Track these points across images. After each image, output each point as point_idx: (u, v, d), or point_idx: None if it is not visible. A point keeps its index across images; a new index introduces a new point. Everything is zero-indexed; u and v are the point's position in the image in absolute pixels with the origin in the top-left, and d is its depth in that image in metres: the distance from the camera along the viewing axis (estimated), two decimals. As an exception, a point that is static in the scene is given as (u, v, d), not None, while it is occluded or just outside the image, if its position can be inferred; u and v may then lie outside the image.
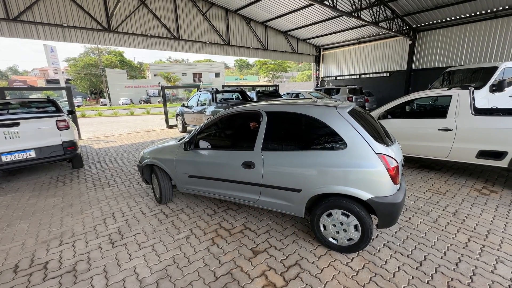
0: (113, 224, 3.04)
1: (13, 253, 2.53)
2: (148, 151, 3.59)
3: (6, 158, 4.13)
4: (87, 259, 2.39)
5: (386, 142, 2.32)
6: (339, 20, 12.63)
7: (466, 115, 3.78)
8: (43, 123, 4.43)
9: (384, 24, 10.98)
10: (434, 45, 12.33)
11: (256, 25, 13.63)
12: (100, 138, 9.28)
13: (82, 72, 40.03)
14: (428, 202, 3.36)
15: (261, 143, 2.56)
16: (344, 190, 2.15)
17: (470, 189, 3.71)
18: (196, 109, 8.44)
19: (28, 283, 2.11)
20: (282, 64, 50.26)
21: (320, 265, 2.21)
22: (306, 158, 2.31)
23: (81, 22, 8.76)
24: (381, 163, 2.07)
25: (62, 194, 4.01)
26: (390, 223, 2.20)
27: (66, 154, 4.69)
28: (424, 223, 2.84)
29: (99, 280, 2.12)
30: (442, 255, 2.28)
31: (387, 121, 4.51)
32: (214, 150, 2.94)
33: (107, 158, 6.21)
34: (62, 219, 3.20)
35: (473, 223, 2.80)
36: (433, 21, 11.60)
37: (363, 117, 2.53)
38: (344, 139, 2.18)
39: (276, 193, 2.52)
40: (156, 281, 2.09)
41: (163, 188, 3.37)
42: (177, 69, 43.86)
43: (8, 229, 2.99)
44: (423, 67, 12.91)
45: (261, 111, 2.65)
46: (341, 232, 2.30)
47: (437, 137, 4.03)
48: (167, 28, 10.62)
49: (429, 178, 4.23)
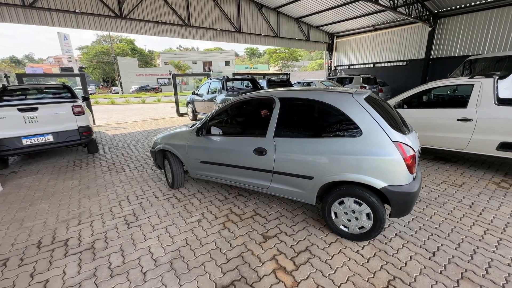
0: (128, 206, 3.14)
1: (36, 230, 2.67)
2: (160, 137, 3.64)
3: (26, 141, 4.30)
4: (104, 238, 2.50)
5: (403, 130, 2.25)
6: (354, 5, 12.09)
7: (489, 105, 3.60)
8: (60, 108, 4.56)
9: (403, 9, 10.44)
10: (455, 32, 11.67)
11: (268, 11, 13.27)
12: (113, 125, 9.49)
13: (94, 60, 40.58)
14: (443, 193, 3.28)
15: (273, 130, 2.54)
16: (357, 178, 2.11)
17: (488, 182, 3.59)
18: (207, 97, 8.43)
19: (51, 258, 2.23)
20: (293, 52, 49.05)
21: (331, 252, 2.22)
22: (320, 145, 2.28)
23: (94, 8, 8.79)
24: (397, 151, 2.02)
25: (79, 177, 4.16)
26: (403, 213, 2.17)
27: (82, 139, 4.83)
28: (438, 214, 2.79)
29: (116, 257, 2.21)
30: (456, 247, 2.24)
31: (403, 111, 4.36)
32: (226, 136, 2.95)
33: (120, 144, 6.36)
34: (80, 200, 3.33)
35: (490, 216, 2.72)
36: (456, 6, 10.92)
37: (380, 104, 2.45)
38: (360, 126, 2.13)
39: (287, 180, 2.52)
40: (170, 260, 2.16)
41: (175, 173, 3.43)
42: (187, 58, 43.70)
43: (30, 208, 3.15)
44: (442, 55, 12.30)
45: (274, 97, 2.62)
46: (352, 220, 2.29)
47: (456, 128, 3.87)
48: (178, 14, 10.51)
49: (444, 170, 4.11)
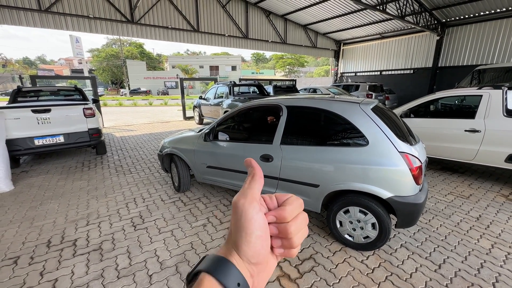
0: (134, 208, 3.20)
1: (46, 229, 2.73)
2: (168, 141, 3.70)
3: (38, 142, 4.42)
4: (112, 240, 2.54)
5: (410, 141, 2.26)
6: (362, 13, 12.17)
7: (497, 117, 3.57)
8: (72, 110, 4.68)
9: (411, 18, 10.47)
10: (464, 41, 11.62)
11: (275, 18, 13.45)
12: (121, 127, 9.65)
13: (104, 63, 41.44)
14: (449, 205, 3.25)
15: (280, 137, 2.57)
16: (363, 187, 2.13)
17: (497, 194, 3.54)
18: (214, 101, 8.54)
19: (60, 257, 2.28)
20: (300, 58, 49.32)
21: (335, 261, 2.22)
22: (326, 154, 2.30)
23: (106, 13, 9.04)
24: (403, 162, 2.03)
25: (88, 178, 4.24)
26: (409, 224, 2.16)
27: (91, 141, 4.94)
28: (444, 226, 2.76)
29: (123, 259, 2.25)
30: (462, 259, 2.22)
31: (410, 120, 4.36)
32: (233, 142, 2.99)
33: (128, 146, 6.46)
34: (88, 201, 3.40)
35: (498, 230, 2.69)
36: (464, 16, 10.90)
37: (387, 114, 2.47)
38: (366, 136, 2.15)
39: (293, 187, 2.54)
40: (176, 264, 2.19)
41: (182, 177, 3.48)
42: (195, 62, 44.29)
43: (40, 207, 3.23)
44: (450, 64, 12.23)
45: (282, 105, 2.66)
46: (357, 229, 2.29)
47: (463, 138, 3.85)
48: (187, 20, 10.73)
49: (451, 180, 4.07)
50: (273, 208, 0.34)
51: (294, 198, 0.35)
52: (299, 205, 0.35)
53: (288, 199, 0.35)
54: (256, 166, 0.35)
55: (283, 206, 0.34)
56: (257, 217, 0.31)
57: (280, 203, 0.35)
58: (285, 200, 0.35)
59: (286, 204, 0.34)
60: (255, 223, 0.31)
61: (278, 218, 0.33)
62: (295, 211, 0.34)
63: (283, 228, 0.33)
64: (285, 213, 0.33)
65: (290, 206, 0.34)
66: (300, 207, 0.35)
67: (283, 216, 0.33)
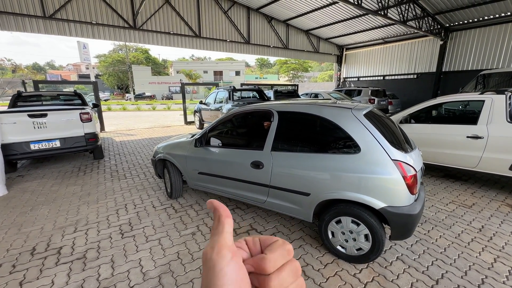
0: (124, 215, 3.13)
1: (33, 236, 2.68)
2: (161, 146, 3.66)
3: (34, 146, 4.42)
4: (97, 248, 2.48)
5: (405, 148, 2.16)
6: (364, 18, 12.13)
7: (500, 122, 3.44)
8: (68, 114, 4.69)
9: (413, 23, 10.37)
10: (468, 46, 11.45)
11: (277, 23, 13.49)
12: (122, 131, 9.69)
13: (110, 68, 42.15)
14: (450, 215, 3.10)
15: (271, 143, 2.50)
16: (355, 197, 2.03)
17: (501, 204, 3.38)
18: (214, 106, 8.53)
19: (42, 266, 2.22)
20: (303, 63, 49.44)
21: (326, 274, 2.11)
22: (316, 161, 2.21)
23: (109, 20, 9.18)
24: (397, 171, 1.93)
25: (82, 183, 4.21)
26: (404, 236, 2.05)
27: (87, 145, 4.93)
28: (444, 237, 2.63)
29: (105, 269, 2.18)
30: (462, 275, 2.09)
31: (410, 126, 4.25)
32: (224, 148, 2.93)
33: (126, 150, 6.45)
34: (79, 207, 3.35)
35: (502, 242, 2.54)
36: (468, 20, 10.76)
37: (381, 120, 2.37)
38: (358, 143, 2.06)
39: (284, 195, 2.45)
40: (159, 275, 2.11)
41: (174, 183, 3.42)
42: (199, 67, 44.73)
43: (30, 213, 3.19)
44: (454, 69, 12.05)
45: (273, 110, 2.59)
46: (350, 240, 2.18)
47: (466, 145, 3.71)
48: (189, 26, 10.83)
49: (454, 188, 3.92)
50: (256, 254, 0.28)
51: (279, 244, 0.29)
52: (286, 253, 0.28)
53: (272, 245, 0.29)
54: (220, 206, 0.29)
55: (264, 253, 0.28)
56: (227, 269, 0.25)
57: (263, 249, 0.29)
58: (268, 245, 0.29)
59: (268, 251, 0.28)
60: (225, 277, 0.24)
61: (256, 269, 0.27)
62: (279, 260, 0.27)
63: (263, 282, 0.26)
64: (265, 264, 0.26)
65: (272, 254, 0.27)
66: (287, 254, 0.28)
67: (261, 267, 0.26)
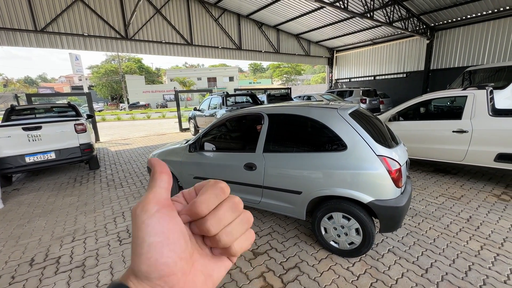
0: (122, 223, 3.17)
1: (31, 247, 2.70)
2: (157, 153, 3.72)
3: (29, 159, 4.43)
4: (96, 255, 2.51)
5: (390, 144, 2.26)
6: (352, 21, 12.43)
7: (483, 116, 3.59)
8: (63, 126, 4.72)
9: (399, 24, 10.68)
10: (453, 44, 11.81)
11: (268, 29, 13.73)
12: (117, 141, 9.70)
13: (103, 79, 42.09)
14: (440, 207, 3.21)
15: (262, 145, 2.58)
16: (344, 192, 2.11)
17: (488, 195, 3.50)
18: (208, 112, 8.61)
19: (41, 276, 2.25)
20: (296, 67, 50.00)
21: (320, 269, 2.18)
22: (306, 160, 2.30)
23: (101, 31, 9.26)
24: (382, 166, 2.02)
25: (78, 193, 4.23)
26: (392, 228, 2.13)
27: (83, 156, 4.95)
28: (434, 229, 2.72)
29: (105, 275, 2.22)
30: (450, 263, 2.18)
31: (399, 123, 4.38)
32: (217, 152, 3.00)
33: (121, 160, 6.47)
34: (76, 217, 3.38)
35: (488, 230, 2.64)
36: (452, 19, 11.12)
37: (367, 118, 2.48)
38: (345, 141, 2.15)
39: (277, 195, 2.53)
40: (158, 278, 2.15)
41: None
42: (192, 74, 44.92)
43: (28, 225, 3.21)
44: (442, 67, 12.38)
45: (263, 113, 2.68)
46: (342, 235, 2.26)
47: (452, 139, 3.85)
48: (181, 34, 10.96)
49: (443, 182, 4.04)
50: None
51: (210, 184, 0.28)
52: (219, 191, 0.27)
53: (203, 188, 0.28)
54: (157, 163, 0.27)
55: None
56: (150, 221, 0.24)
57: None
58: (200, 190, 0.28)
59: (199, 195, 0.27)
60: (146, 229, 0.24)
61: (191, 216, 0.27)
62: (211, 200, 0.26)
63: (200, 226, 0.26)
64: (195, 207, 0.26)
65: (202, 196, 0.27)
66: (220, 193, 0.27)
67: (194, 211, 0.26)
